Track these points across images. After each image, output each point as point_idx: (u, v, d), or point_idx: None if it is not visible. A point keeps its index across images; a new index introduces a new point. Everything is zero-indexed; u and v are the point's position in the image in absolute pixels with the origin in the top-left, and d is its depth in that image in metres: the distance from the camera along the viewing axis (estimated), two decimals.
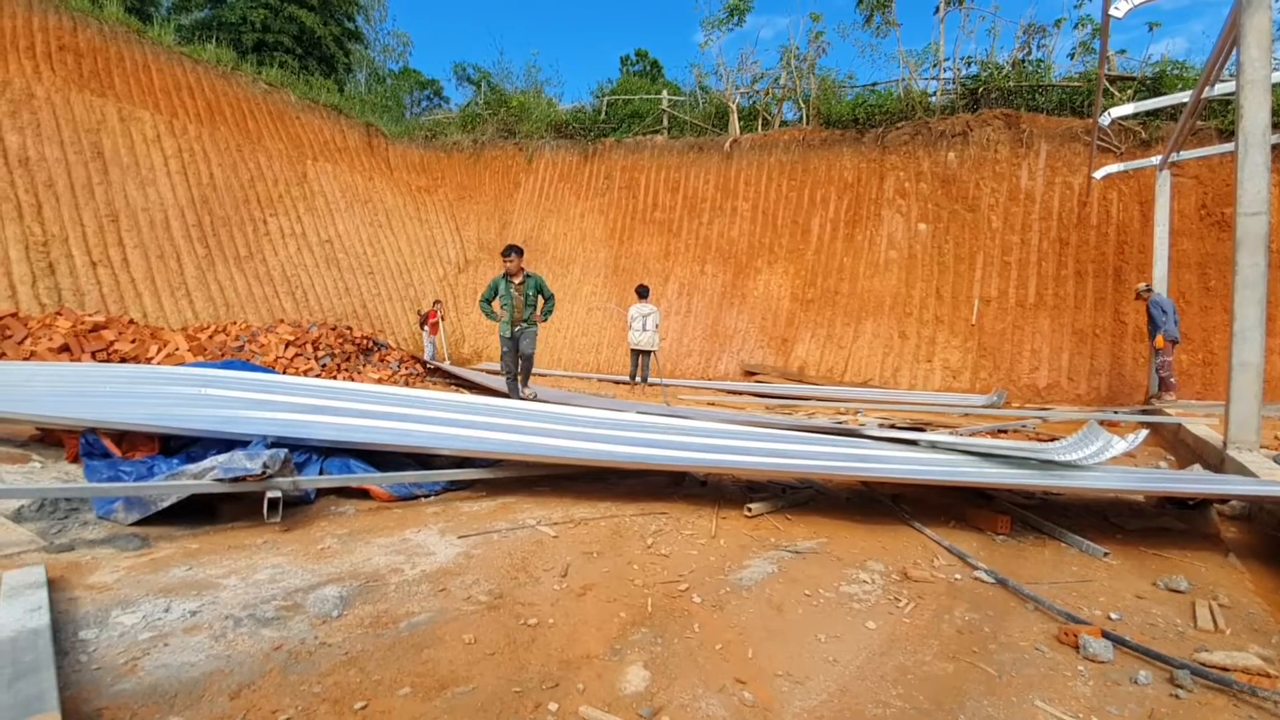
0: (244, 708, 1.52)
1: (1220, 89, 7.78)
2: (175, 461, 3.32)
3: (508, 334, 7.11)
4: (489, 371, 12.43)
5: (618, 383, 12.05)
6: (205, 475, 2.72)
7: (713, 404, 9.10)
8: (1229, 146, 9.07)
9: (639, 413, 5.23)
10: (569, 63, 64.30)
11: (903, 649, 1.97)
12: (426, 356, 12.91)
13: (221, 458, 2.80)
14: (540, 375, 13.47)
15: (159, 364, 6.88)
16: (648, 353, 10.98)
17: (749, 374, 13.57)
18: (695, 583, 2.38)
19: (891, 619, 2.17)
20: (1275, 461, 3.92)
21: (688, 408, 7.49)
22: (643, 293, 11.06)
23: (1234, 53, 4.59)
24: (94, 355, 6.98)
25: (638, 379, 11.05)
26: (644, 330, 10.78)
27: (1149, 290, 9.19)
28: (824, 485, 4.05)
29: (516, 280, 7.05)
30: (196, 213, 12.35)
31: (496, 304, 7.17)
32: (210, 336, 8.31)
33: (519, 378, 7.29)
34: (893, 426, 6.17)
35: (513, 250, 7.03)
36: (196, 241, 12.12)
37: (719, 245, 15.02)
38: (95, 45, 12.19)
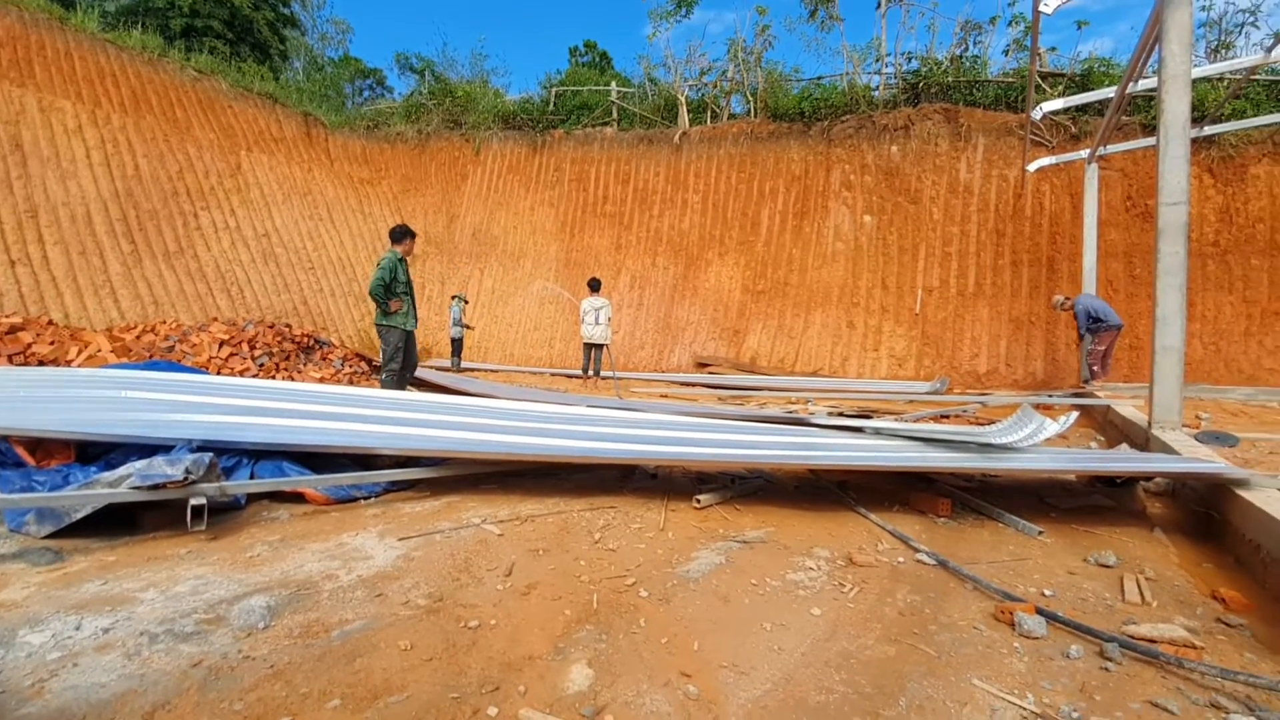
0: None
1: (1144, 85, 8.15)
2: (93, 470, 3.11)
3: (413, 327, 6.41)
4: (438, 368, 12.17)
5: (570, 377, 11.97)
6: (121, 483, 2.55)
7: (665, 396, 9.11)
8: (1152, 140, 9.53)
9: (589, 406, 5.18)
10: (516, 54, 63.18)
11: (846, 634, 1.98)
12: None
13: (139, 464, 2.63)
14: (492, 371, 13.28)
15: (79, 366, 6.47)
16: (600, 346, 10.93)
17: (702, 365, 13.64)
18: (642, 577, 2.35)
19: (836, 604, 2.19)
20: (1196, 440, 4.13)
21: (640, 400, 7.47)
22: (594, 286, 10.99)
23: (1156, 49, 4.79)
24: (10, 359, 6.52)
25: (590, 372, 10.99)
26: (596, 324, 10.72)
27: (1068, 301, 9.57)
28: (773, 474, 4.08)
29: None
30: (121, 206, 11.68)
31: None
32: (137, 337, 7.87)
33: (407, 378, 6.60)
34: (841, 415, 6.29)
35: (412, 232, 6.48)
36: (121, 237, 11.47)
37: (670, 238, 15.03)
38: (15, 33, 11.40)
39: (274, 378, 7.86)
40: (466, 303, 13.94)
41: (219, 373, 7.35)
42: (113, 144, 12.02)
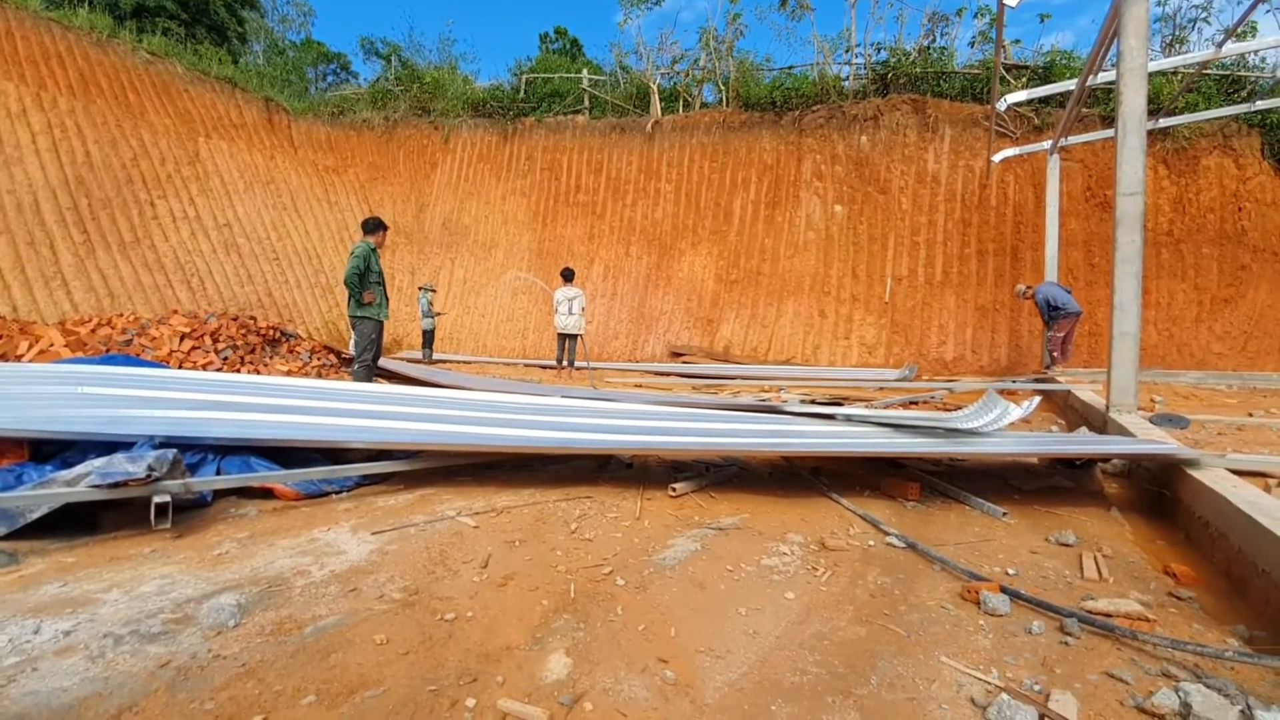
0: None
1: (1103, 77, 8.37)
2: (48, 468, 3.00)
3: (385, 317, 6.57)
4: (410, 360, 12.01)
5: (544, 367, 11.91)
6: (79, 481, 2.47)
7: (640, 386, 9.13)
8: (1110, 132, 9.78)
9: (564, 396, 5.16)
10: (485, 39, 62.01)
11: (820, 617, 2.02)
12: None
13: (99, 461, 2.55)
14: (464, 362, 13.15)
15: (30, 361, 6.23)
16: (574, 336, 10.89)
17: (676, 355, 13.69)
18: (619, 565, 2.37)
19: (810, 588, 2.23)
20: (1150, 422, 4.28)
21: (614, 390, 7.47)
22: (568, 276, 10.93)
23: (1115, 43, 4.91)
24: None
25: (564, 363, 10.95)
26: (570, 314, 10.67)
27: (1029, 289, 9.82)
28: (747, 462, 4.12)
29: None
30: (71, 195, 11.23)
31: None
32: (92, 330, 7.58)
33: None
34: (813, 402, 6.37)
35: (385, 224, 6.60)
36: (73, 226, 11.03)
37: (643, 227, 15.00)
38: None
39: (239, 371, 7.66)
40: (434, 292, 13.74)
41: (181, 366, 7.14)
42: (60, 129, 11.53)
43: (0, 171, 10.47)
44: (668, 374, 11.29)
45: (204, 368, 7.38)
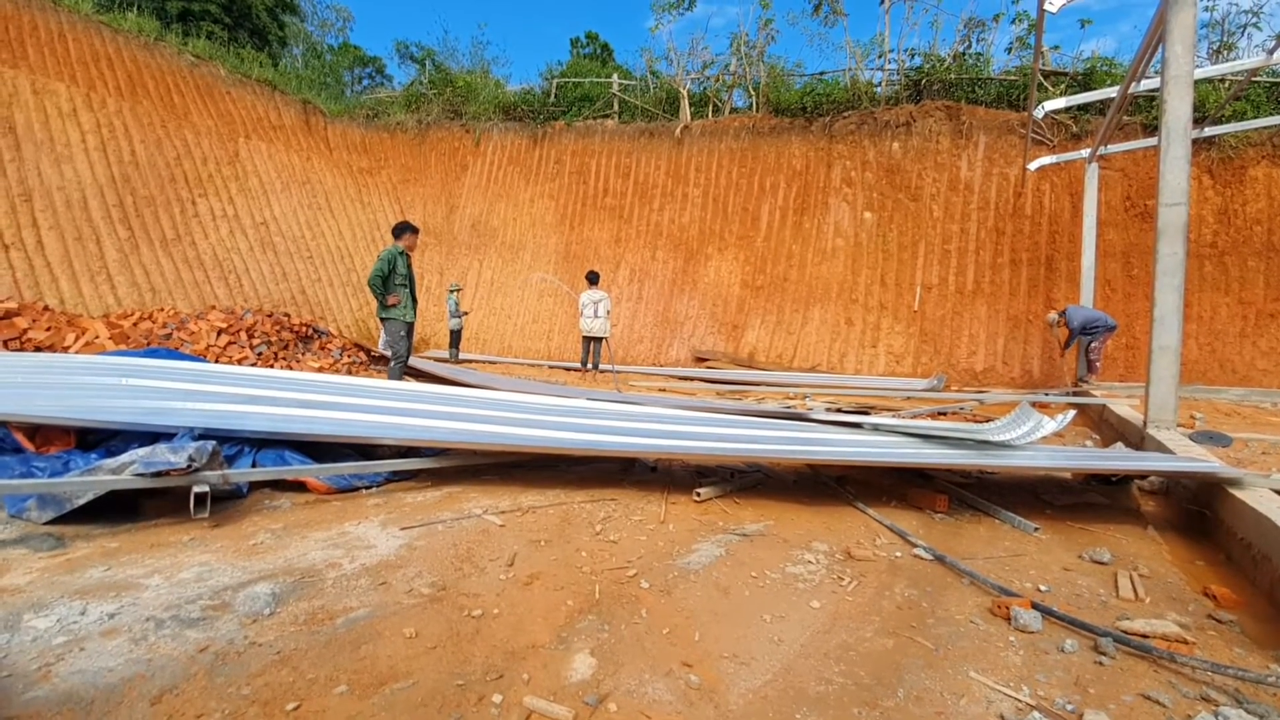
0: (166, 713, 1.44)
1: (1146, 85, 8.17)
2: (93, 456, 3.11)
3: (412, 319, 6.70)
4: (437, 359, 12.17)
5: (569, 369, 11.98)
6: (124, 470, 2.56)
7: (664, 390, 9.13)
8: (1153, 140, 9.54)
9: (589, 399, 5.19)
10: (516, 44, 63.10)
11: (845, 626, 2.00)
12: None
13: (142, 451, 2.64)
14: (491, 363, 13.28)
15: (77, 353, 6.45)
16: (599, 339, 10.93)
17: (700, 360, 13.67)
18: (644, 568, 2.38)
19: (835, 598, 2.21)
20: (1190, 439, 4.17)
21: (639, 394, 7.49)
22: (593, 279, 10.98)
23: (1159, 49, 4.79)
24: (6, 344, 6.51)
25: (589, 366, 11.00)
26: (595, 317, 10.72)
27: (1061, 318, 9.67)
28: (772, 469, 4.10)
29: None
30: (118, 192, 11.62)
31: None
32: (135, 324, 7.84)
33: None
34: (839, 410, 6.31)
35: (414, 228, 6.72)
36: (118, 223, 11.41)
37: (670, 232, 15.02)
38: (6, 13, 11.29)
39: (272, 367, 7.85)
40: (460, 290, 13.90)
41: (217, 361, 7.34)
42: (109, 128, 11.93)
43: (51, 169, 10.87)
44: (692, 379, 11.27)
45: (239, 362, 7.58)
